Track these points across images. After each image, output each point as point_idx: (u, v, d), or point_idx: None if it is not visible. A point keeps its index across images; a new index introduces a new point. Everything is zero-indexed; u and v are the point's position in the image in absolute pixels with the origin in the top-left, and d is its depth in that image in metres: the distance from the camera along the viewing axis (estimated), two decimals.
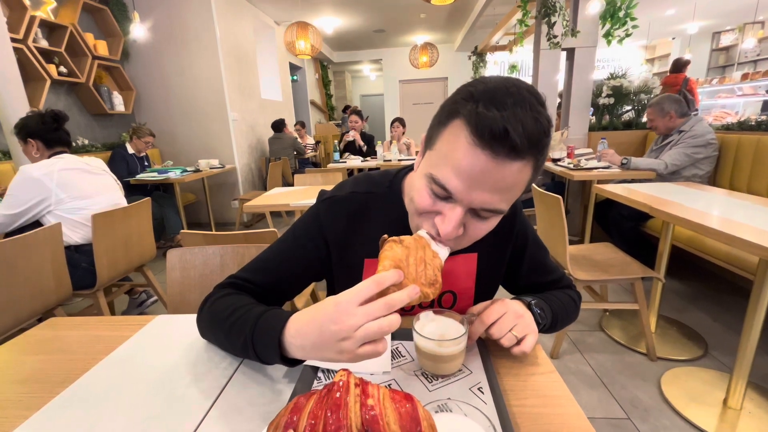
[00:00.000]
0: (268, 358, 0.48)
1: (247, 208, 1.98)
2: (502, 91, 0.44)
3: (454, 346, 0.48)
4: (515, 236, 0.67)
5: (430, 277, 0.46)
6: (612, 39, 2.69)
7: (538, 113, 0.44)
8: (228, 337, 0.54)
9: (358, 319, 0.40)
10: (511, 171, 0.44)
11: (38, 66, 2.75)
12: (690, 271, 2.37)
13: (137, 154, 3.24)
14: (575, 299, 0.71)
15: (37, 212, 1.54)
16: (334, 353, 0.42)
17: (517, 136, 0.42)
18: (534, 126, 0.43)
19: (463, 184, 0.45)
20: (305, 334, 0.45)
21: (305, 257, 0.65)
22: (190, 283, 1.03)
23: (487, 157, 0.43)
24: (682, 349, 1.66)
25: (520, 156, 0.43)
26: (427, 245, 0.48)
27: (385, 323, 0.40)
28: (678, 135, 2.24)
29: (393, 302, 0.41)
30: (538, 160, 0.46)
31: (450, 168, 0.46)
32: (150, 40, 3.67)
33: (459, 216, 0.47)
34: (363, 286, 0.42)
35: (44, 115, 1.60)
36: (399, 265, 0.45)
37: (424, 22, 5.86)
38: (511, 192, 0.47)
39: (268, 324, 0.49)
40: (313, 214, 0.66)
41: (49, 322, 0.72)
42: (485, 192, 0.46)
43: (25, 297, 1.34)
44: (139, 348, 0.61)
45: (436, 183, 0.47)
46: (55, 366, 0.57)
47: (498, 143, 0.42)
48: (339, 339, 0.41)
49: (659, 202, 1.50)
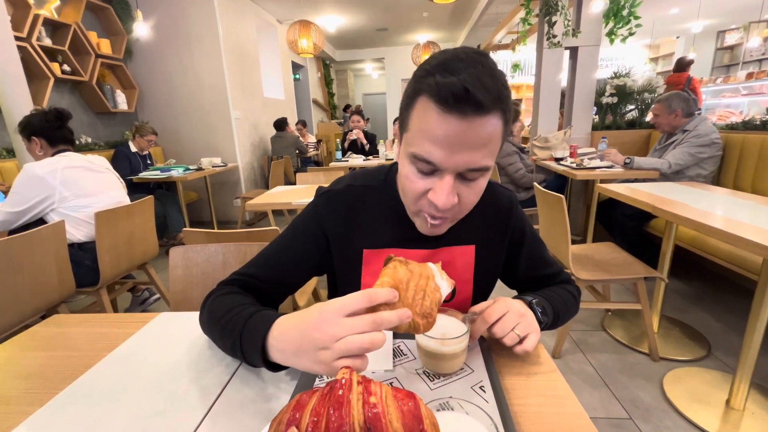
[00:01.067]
0: (253, 360, 0.48)
1: (249, 207, 1.98)
2: (454, 59, 0.47)
3: (456, 344, 0.48)
4: (512, 228, 0.68)
5: (426, 309, 0.44)
6: (615, 38, 2.68)
7: (491, 70, 0.47)
8: (221, 337, 0.54)
9: (341, 330, 0.39)
10: (482, 126, 0.47)
11: (42, 64, 2.76)
12: (693, 271, 2.36)
13: (140, 152, 3.25)
14: (575, 294, 0.71)
15: (40, 210, 1.55)
16: (312, 362, 0.41)
17: (478, 92, 0.44)
18: (491, 81, 0.46)
19: (443, 151, 0.48)
20: (287, 339, 0.45)
21: (306, 251, 0.66)
22: (192, 280, 1.04)
23: (457, 119, 0.46)
24: (685, 350, 1.65)
25: (486, 110, 0.46)
26: (432, 277, 0.47)
27: (367, 339, 0.39)
28: (682, 134, 2.23)
29: (380, 320, 0.40)
30: (505, 112, 0.49)
31: (427, 141, 0.48)
32: (153, 39, 3.68)
33: (450, 183, 0.50)
34: (352, 297, 0.41)
35: (48, 113, 1.60)
36: (398, 287, 0.44)
37: (426, 20, 5.85)
38: (489, 146, 0.49)
39: (255, 325, 0.49)
40: (311, 208, 0.67)
41: (52, 318, 0.72)
42: (466, 152, 0.48)
43: (28, 294, 1.35)
44: (141, 345, 0.61)
45: (419, 159, 0.50)
46: (59, 362, 0.58)
47: (463, 104, 0.45)
48: (318, 348, 0.40)
49: (663, 202, 1.50)
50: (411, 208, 0.58)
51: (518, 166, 2.70)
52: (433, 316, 0.44)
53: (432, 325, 0.45)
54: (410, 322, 0.42)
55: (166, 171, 3.12)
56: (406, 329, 0.43)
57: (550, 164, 2.78)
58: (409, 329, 0.43)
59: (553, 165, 2.72)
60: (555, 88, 3.09)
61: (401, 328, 0.42)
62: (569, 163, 2.62)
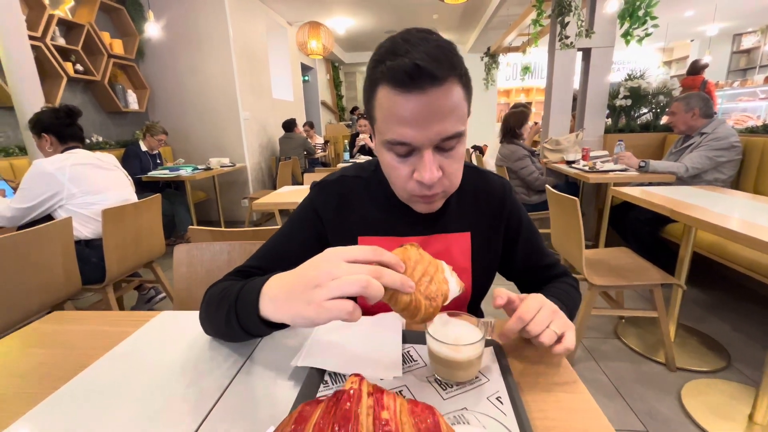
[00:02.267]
0: (247, 318, 0.46)
1: (256, 206, 1.97)
2: (398, 42, 0.49)
3: (471, 351, 0.45)
4: (507, 216, 0.69)
5: (431, 293, 0.41)
6: (631, 39, 2.61)
7: (436, 41, 0.49)
8: (217, 313, 0.52)
9: (338, 270, 0.38)
10: (443, 95, 0.49)
11: (55, 64, 2.79)
12: (711, 278, 2.28)
13: (150, 151, 3.27)
14: (576, 287, 0.70)
15: (49, 206, 1.55)
16: (303, 303, 0.39)
17: (428, 64, 0.46)
18: (438, 51, 0.48)
19: (414, 129, 0.50)
20: (282, 282, 0.43)
21: (305, 240, 0.68)
22: (196, 278, 1.02)
23: (417, 95, 0.48)
24: (703, 360, 1.59)
25: (442, 79, 0.48)
26: (441, 270, 0.44)
27: (363, 279, 0.36)
28: (700, 137, 2.16)
29: (381, 272, 0.38)
30: (461, 76, 0.51)
31: (396, 125, 0.50)
32: (164, 39, 3.71)
33: (430, 158, 0.52)
34: (358, 247, 0.40)
35: (58, 110, 1.61)
36: (405, 264, 0.42)
37: (436, 23, 5.83)
38: (455, 112, 0.51)
39: (252, 285, 0.47)
40: (306, 200, 0.70)
41: (53, 315, 0.70)
42: (435, 124, 0.50)
43: (34, 290, 1.34)
44: (141, 344, 0.59)
45: (394, 144, 0.52)
46: (57, 360, 0.56)
47: (418, 79, 0.47)
48: (312, 285, 0.38)
49: (681, 206, 1.44)
50: (402, 195, 0.59)
51: (531, 169, 2.65)
52: (438, 304, 0.42)
53: (434, 314, 0.42)
54: (412, 298, 0.40)
55: (175, 170, 3.13)
56: (405, 305, 0.40)
57: (561, 167, 2.72)
58: (409, 307, 0.40)
59: (565, 168, 2.67)
60: (567, 90, 3.04)
61: (401, 301, 0.40)
62: (582, 166, 2.56)
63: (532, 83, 8.10)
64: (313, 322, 0.38)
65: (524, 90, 8.32)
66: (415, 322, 0.42)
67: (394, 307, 0.41)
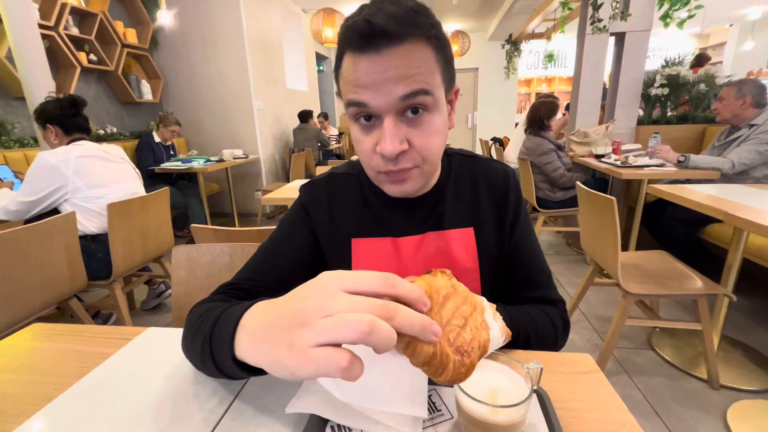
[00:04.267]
0: (221, 358, 0.36)
1: (266, 201, 1.90)
2: (364, 5, 0.46)
3: (515, 413, 0.35)
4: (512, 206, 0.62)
5: (463, 344, 0.30)
6: (670, 21, 2.40)
7: (398, 1, 0.45)
8: (193, 344, 0.43)
9: (334, 303, 0.27)
10: (402, 55, 0.45)
11: (69, 53, 2.76)
12: (758, 284, 2.09)
13: (163, 142, 3.24)
14: (554, 321, 0.58)
15: (54, 200, 1.50)
16: (283, 347, 0.28)
17: (380, 20, 0.43)
18: (394, 8, 0.44)
19: (371, 90, 0.46)
20: (265, 313, 0.33)
21: (299, 247, 0.62)
22: (196, 282, 0.94)
23: (371, 55, 0.45)
24: (751, 377, 1.44)
25: (399, 37, 0.44)
26: (481, 310, 0.33)
27: (365, 321, 0.25)
28: (748, 129, 1.96)
29: (394, 311, 0.27)
30: (429, 37, 0.46)
31: (355, 86, 0.47)
32: (177, 28, 3.66)
33: (390, 125, 0.47)
34: (364, 273, 0.29)
35: (62, 101, 1.55)
36: (431, 297, 0.31)
37: (455, 8, 5.59)
38: (419, 74, 0.46)
39: (231, 313, 0.37)
40: (297, 203, 0.66)
41: (31, 328, 0.63)
42: (392, 85, 0.45)
43: (37, 287, 1.30)
44: (114, 374, 0.50)
45: (354, 106, 0.48)
46: (19, 390, 0.48)
47: (372, 38, 0.44)
48: (298, 323, 0.28)
49: (731, 206, 1.29)
50: (371, 174, 0.55)
51: (556, 165, 2.49)
52: (472, 360, 0.31)
53: (468, 374, 0.31)
54: (437, 350, 0.29)
55: (188, 162, 3.09)
56: (427, 359, 0.29)
57: (590, 161, 2.55)
58: (432, 362, 0.29)
59: (594, 162, 2.49)
60: (597, 79, 2.83)
61: (422, 353, 0.28)
62: (612, 160, 2.38)
63: (555, 72, 7.76)
64: (292, 374, 0.28)
65: (546, 79, 7.99)
66: (440, 382, 0.31)
67: (413, 360, 0.29)
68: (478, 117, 7.25)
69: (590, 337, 1.74)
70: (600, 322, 1.85)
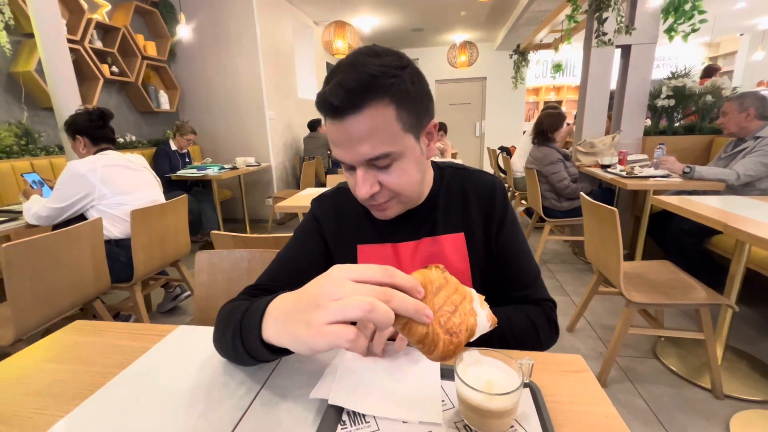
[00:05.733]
0: (251, 343, 0.43)
1: (278, 208, 1.97)
2: (335, 67, 0.53)
3: (507, 400, 0.40)
4: (498, 214, 0.67)
5: (452, 326, 0.37)
6: (675, 35, 2.44)
7: (361, 64, 0.50)
8: (224, 336, 0.50)
9: (342, 290, 0.34)
10: (360, 122, 0.51)
11: (93, 66, 2.90)
12: (763, 295, 2.09)
13: (179, 150, 3.36)
14: (534, 322, 0.63)
15: (81, 206, 1.59)
16: (302, 325, 0.36)
17: (335, 98, 0.49)
18: (353, 78, 0.49)
19: (341, 148, 0.54)
20: (284, 303, 0.41)
21: (312, 254, 0.69)
22: (217, 287, 1.01)
23: (334, 123, 0.52)
24: (755, 388, 1.45)
25: (356, 107, 0.50)
26: (470, 299, 0.39)
27: (366, 302, 0.32)
28: (753, 141, 1.98)
29: (391, 295, 0.34)
30: (390, 95, 0.51)
31: (331, 142, 0.56)
32: (194, 41, 3.80)
33: (361, 175, 0.56)
34: (368, 266, 0.37)
35: (92, 113, 1.65)
36: (425, 287, 0.37)
37: (464, 19, 5.69)
38: (379, 134, 0.52)
39: (258, 305, 0.44)
40: (309, 214, 0.74)
41: (73, 325, 0.70)
42: (355, 147, 0.53)
43: (66, 288, 1.38)
44: (154, 365, 0.57)
45: (338, 163, 0.55)
46: (72, 377, 0.55)
47: (331, 110, 0.51)
48: (313, 306, 0.35)
49: (733, 218, 1.32)
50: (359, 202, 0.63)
51: (562, 175, 2.53)
52: (460, 340, 0.37)
53: (455, 351, 0.37)
54: (429, 330, 0.35)
55: (203, 170, 3.19)
56: (420, 338, 0.35)
57: (596, 171, 2.58)
58: (424, 341, 0.35)
59: (600, 172, 2.52)
60: (603, 90, 2.87)
61: (416, 332, 0.35)
62: (618, 171, 2.41)
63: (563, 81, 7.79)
64: (311, 347, 0.35)
65: (555, 88, 8.01)
66: (433, 359, 0.37)
67: (409, 339, 0.36)
68: (486, 126, 7.30)
69: (595, 345, 1.76)
70: (605, 331, 1.87)
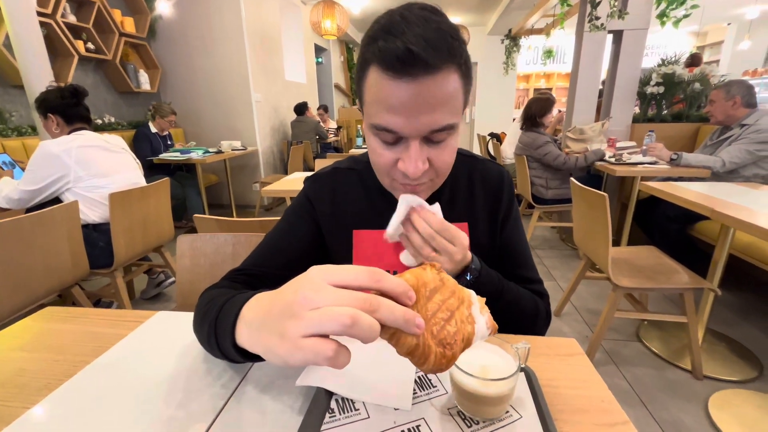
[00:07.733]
0: (225, 345, 0.39)
1: (265, 193, 1.92)
2: (395, 19, 0.45)
3: (503, 385, 0.38)
4: (504, 206, 0.66)
5: (446, 337, 0.31)
6: (667, 20, 2.43)
7: (437, 23, 0.45)
8: (200, 328, 0.46)
9: (320, 297, 0.28)
10: (437, 85, 0.45)
11: (66, 42, 2.74)
12: (743, 280, 2.15)
13: (160, 133, 3.24)
14: (539, 307, 0.64)
15: (56, 189, 1.52)
16: (275, 335, 0.30)
17: (422, 51, 0.42)
18: (436, 35, 0.44)
19: (402, 117, 0.46)
20: (259, 305, 0.36)
21: (303, 236, 0.66)
22: (200, 271, 0.97)
23: (408, 83, 0.44)
24: (733, 369, 1.50)
25: (436, 67, 0.44)
26: (468, 304, 0.34)
27: (348, 314, 0.27)
28: (740, 129, 2.00)
29: (377, 304, 0.28)
30: (461, 65, 0.46)
31: (384, 110, 0.47)
32: (176, 18, 3.63)
33: (416, 150, 0.48)
34: (351, 268, 0.31)
35: (63, 90, 1.56)
36: (418, 290, 0.32)
37: (455, 2, 5.58)
38: (449, 104, 0.47)
39: (233, 303, 0.40)
40: (301, 194, 0.68)
41: (45, 311, 0.66)
42: (424, 115, 0.46)
43: (40, 274, 1.32)
44: (130, 353, 0.53)
45: (380, 129, 0.48)
46: (39, 366, 0.51)
47: (411, 66, 0.43)
48: (288, 314, 0.29)
49: (719, 204, 1.33)
50: (385, 181, 0.57)
51: (555, 153, 2.52)
52: (454, 352, 0.32)
53: (448, 365, 0.32)
54: (419, 341, 0.30)
55: (186, 153, 3.09)
56: (410, 350, 0.30)
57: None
58: (414, 353, 0.30)
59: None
60: (594, 76, 2.86)
61: (405, 344, 0.30)
62: (607, 157, 2.42)
63: (554, 68, 7.77)
64: (285, 362, 0.29)
65: (545, 75, 8.00)
66: (424, 371, 0.33)
67: (398, 351, 0.31)
68: (476, 112, 7.26)
69: (581, 329, 1.79)
70: (590, 315, 1.90)
